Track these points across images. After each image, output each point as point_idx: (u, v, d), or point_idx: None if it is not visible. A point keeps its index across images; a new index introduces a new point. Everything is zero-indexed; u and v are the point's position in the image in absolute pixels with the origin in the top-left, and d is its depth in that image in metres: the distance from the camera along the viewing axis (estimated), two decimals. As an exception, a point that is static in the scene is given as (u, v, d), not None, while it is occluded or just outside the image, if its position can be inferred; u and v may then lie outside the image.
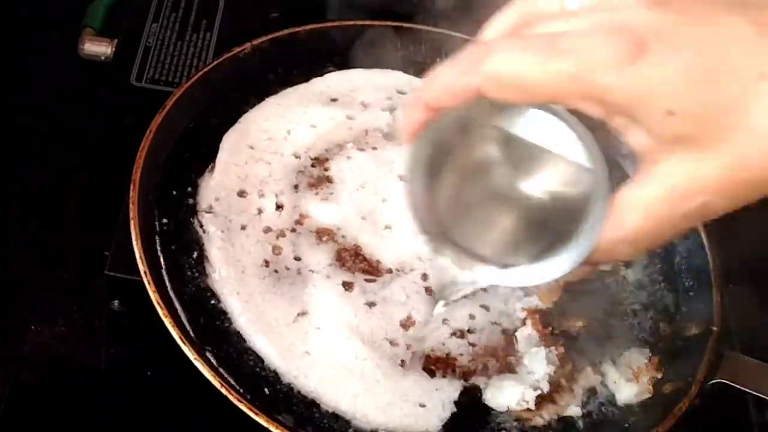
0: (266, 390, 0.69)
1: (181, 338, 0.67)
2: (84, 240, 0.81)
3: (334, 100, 0.89)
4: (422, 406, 0.69)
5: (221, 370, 0.68)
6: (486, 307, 0.76)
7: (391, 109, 0.88)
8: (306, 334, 0.71)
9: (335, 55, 0.93)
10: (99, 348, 0.75)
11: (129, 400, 0.73)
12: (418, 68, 0.94)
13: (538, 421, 0.71)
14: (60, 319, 0.76)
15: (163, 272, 0.72)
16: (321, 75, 0.91)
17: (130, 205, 0.72)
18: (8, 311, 0.77)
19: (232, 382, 0.67)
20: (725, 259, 0.83)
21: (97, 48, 0.95)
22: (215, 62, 0.87)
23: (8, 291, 0.78)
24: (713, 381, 0.73)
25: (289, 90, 0.89)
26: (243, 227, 0.77)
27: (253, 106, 0.86)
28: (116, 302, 0.77)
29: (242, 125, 0.84)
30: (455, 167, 0.54)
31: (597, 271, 0.80)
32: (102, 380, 0.74)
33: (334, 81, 0.91)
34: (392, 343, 0.72)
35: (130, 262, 0.70)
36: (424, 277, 0.76)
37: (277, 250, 0.76)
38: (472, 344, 0.74)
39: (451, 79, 0.49)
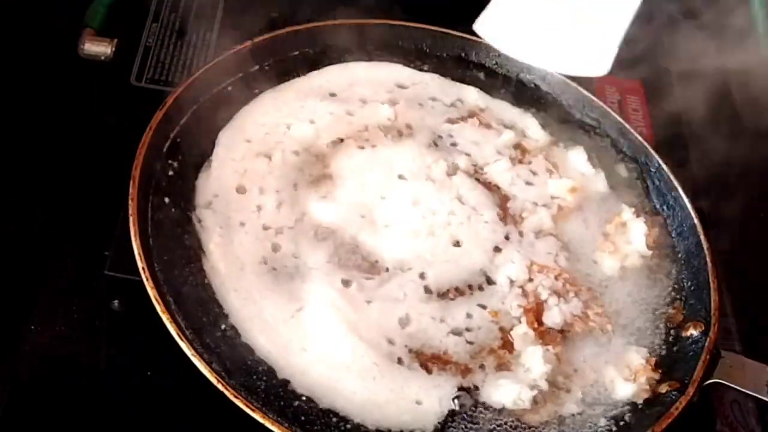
0: (264, 387, 0.69)
1: (178, 334, 0.67)
2: (84, 240, 0.81)
3: (332, 94, 0.89)
4: (419, 403, 0.69)
5: (219, 367, 0.68)
6: (483, 306, 0.76)
7: (391, 104, 0.89)
8: (303, 332, 0.71)
9: (335, 53, 0.93)
10: (99, 348, 0.76)
11: (129, 399, 0.73)
12: (419, 65, 0.94)
13: (535, 419, 0.71)
14: (60, 319, 0.76)
15: (161, 268, 0.72)
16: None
17: (130, 202, 0.73)
18: (8, 311, 0.77)
19: (230, 379, 0.67)
20: (724, 259, 0.83)
21: (97, 48, 0.96)
22: (215, 62, 0.87)
23: (8, 291, 0.78)
24: (710, 381, 0.73)
25: (286, 84, 0.89)
26: (242, 224, 0.77)
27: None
28: (116, 302, 0.77)
29: (238, 120, 0.85)
30: None
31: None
32: (102, 380, 0.74)
33: (332, 75, 0.91)
34: (390, 340, 0.72)
35: (130, 262, 0.71)
36: (422, 275, 0.77)
37: (275, 247, 0.76)
38: (470, 342, 0.74)
39: None
